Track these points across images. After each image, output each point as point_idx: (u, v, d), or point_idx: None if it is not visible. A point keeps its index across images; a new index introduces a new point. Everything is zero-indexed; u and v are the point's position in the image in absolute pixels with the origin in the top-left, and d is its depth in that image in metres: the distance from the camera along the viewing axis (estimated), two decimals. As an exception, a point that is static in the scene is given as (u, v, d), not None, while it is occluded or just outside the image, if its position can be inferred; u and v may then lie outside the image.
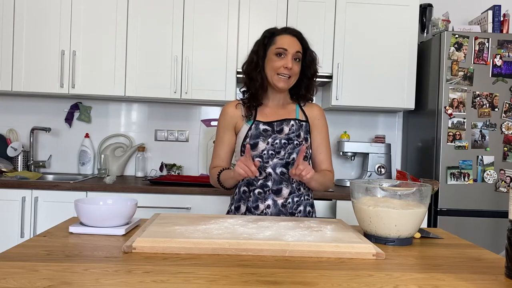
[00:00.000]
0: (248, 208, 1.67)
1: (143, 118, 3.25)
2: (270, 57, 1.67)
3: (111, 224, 1.33)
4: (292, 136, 1.68)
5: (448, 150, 2.68)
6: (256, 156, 1.65)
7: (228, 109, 1.74)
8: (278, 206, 1.66)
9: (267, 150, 1.66)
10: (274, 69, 1.65)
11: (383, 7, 2.93)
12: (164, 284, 0.91)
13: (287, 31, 1.71)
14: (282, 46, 1.66)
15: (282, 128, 1.68)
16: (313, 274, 1.01)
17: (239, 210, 1.70)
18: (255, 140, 1.66)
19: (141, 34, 2.87)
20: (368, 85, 2.94)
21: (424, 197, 1.34)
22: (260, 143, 1.65)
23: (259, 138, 1.66)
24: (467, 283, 0.98)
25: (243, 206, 1.69)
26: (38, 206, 2.59)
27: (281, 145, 1.66)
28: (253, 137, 1.66)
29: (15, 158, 3.05)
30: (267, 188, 1.67)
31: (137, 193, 2.59)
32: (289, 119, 1.71)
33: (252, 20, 2.89)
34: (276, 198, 1.67)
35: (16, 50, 2.83)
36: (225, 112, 1.74)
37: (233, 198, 1.76)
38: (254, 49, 1.74)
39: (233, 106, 1.74)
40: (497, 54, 2.69)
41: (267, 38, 1.70)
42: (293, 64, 1.65)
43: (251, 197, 1.68)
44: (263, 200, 1.66)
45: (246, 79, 1.72)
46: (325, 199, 2.64)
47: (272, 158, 1.66)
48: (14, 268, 0.98)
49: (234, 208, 1.72)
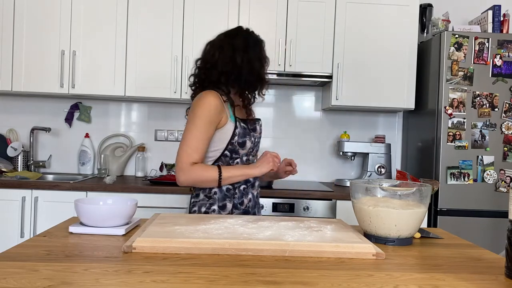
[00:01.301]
0: (234, 205, 1.69)
1: (143, 118, 3.25)
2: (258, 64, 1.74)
3: (111, 224, 1.33)
4: (260, 136, 1.81)
5: (448, 150, 2.68)
6: (244, 155, 1.71)
7: (216, 100, 1.62)
8: (254, 198, 1.77)
9: (250, 148, 1.73)
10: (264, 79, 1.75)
11: (383, 7, 2.93)
12: (164, 284, 0.91)
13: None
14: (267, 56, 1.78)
15: (255, 127, 1.76)
16: (313, 274, 1.01)
17: (225, 208, 1.68)
18: (243, 138, 1.68)
19: (141, 34, 2.87)
20: (368, 85, 2.94)
21: (424, 197, 1.34)
22: (247, 141, 1.70)
23: (247, 137, 1.69)
24: (467, 283, 0.98)
25: (229, 204, 1.69)
26: (38, 206, 2.59)
27: (256, 143, 1.78)
28: (241, 136, 1.68)
29: (15, 158, 3.05)
30: (249, 183, 1.74)
31: (137, 193, 2.59)
32: (258, 119, 1.81)
33: (252, 20, 2.89)
34: (252, 191, 1.76)
35: (16, 50, 2.83)
36: (214, 104, 1.62)
37: (210, 198, 1.69)
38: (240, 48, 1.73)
39: (219, 99, 1.64)
40: (497, 54, 2.69)
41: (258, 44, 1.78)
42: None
43: (236, 194, 1.70)
44: (246, 195, 1.73)
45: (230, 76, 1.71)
46: (325, 199, 2.64)
47: (250, 154, 1.77)
48: (14, 268, 0.98)
49: (218, 207, 1.67)
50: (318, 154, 3.31)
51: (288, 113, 3.30)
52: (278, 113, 3.30)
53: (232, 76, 1.68)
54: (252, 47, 1.73)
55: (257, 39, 1.78)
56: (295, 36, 2.90)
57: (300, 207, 2.63)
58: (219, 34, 1.79)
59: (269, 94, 3.30)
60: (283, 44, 2.90)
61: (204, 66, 1.73)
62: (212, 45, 1.75)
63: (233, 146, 1.67)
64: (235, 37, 1.73)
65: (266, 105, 3.30)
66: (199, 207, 1.70)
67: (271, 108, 3.30)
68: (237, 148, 1.68)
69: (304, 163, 3.29)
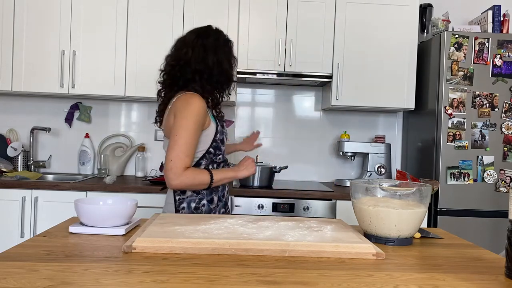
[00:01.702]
0: (218, 198, 1.81)
1: (143, 118, 3.25)
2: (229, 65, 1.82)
3: (111, 224, 1.33)
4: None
5: (448, 150, 2.68)
6: (224, 150, 1.84)
7: (203, 105, 1.69)
8: (227, 189, 1.89)
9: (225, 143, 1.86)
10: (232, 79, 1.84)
11: (383, 7, 2.93)
12: (164, 284, 0.91)
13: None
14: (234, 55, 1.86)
15: (223, 124, 1.87)
16: (313, 274, 1.01)
17: (213, 201, 1.79)
18: (222, 135, 1.81)
19: (141, 34, 2.87)
20: (368, 85, 2.94)
21: (424, 197, 1.34)
22: (224, 138, 1.84)
23: (224, 134, 1.83)
24: (467, 283, 0.98)
25: (215, 197, 1.80)
26: (38, 206, 2.59)
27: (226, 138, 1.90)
28: (220, 133, 1.79)
29: (15, 158, 3.05)
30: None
31: (137, 193, 2.59)
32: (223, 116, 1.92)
33: (252, 20, 2.89)
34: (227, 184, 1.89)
35: (16, 50, 2.83)
36: (203, 108, 1.68)
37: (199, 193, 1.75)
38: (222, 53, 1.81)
39: (204, 102, 1.71)
40: (497, 54, 2.69)
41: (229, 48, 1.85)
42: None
43: (219, 187, 1.81)
44: (224, 188, 1.85)
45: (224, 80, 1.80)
46: (325, 199, 2.64)
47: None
48: (14, 268, 0.98)
49: (207, 201, 1.75)
50: (318, 154, 3.31)
51: (288, 113, 3.31)
52: (278, 113, 3.30)
53: (204, 75, 1.73)
54: (222, 47, 1.78)
55: (227, 39, 1.84)
56: (295, 36, 2.90)
57: (300, 207, 2.63)
58: (189, 31, 1.83)
59: (269, 94, 3.30)
60: (283, 44, 2.90)
61: (177, 63, 1.75)
62: (183, 43, 1.79)
63: (216, 143, 1.77)
64: (206, 37, 1.78)
65: (266, 105, 3.30)
66: (187, 203, 1.74)
67: (271, 108, 3.30)
68: (219, 145, 1.79)
69: (304, 163, 3.29)
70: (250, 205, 2.61)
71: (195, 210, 1.74)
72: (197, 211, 1.74)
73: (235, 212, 2.61)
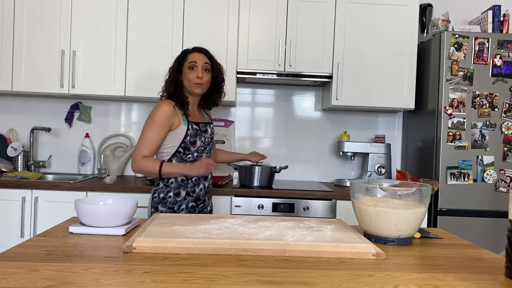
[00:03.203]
0: (187, 192, 2.07)
1: (143, 118, 3.25)
2: (185, 71, 2.08)
3: (111, 224, 1.33)
4: (212, 137, 2.19)
5: (448, 150, 2.68)
6: (194, 151, 2.07)
7: (169, 109, 2.01)
8: (205, 188, 2.15)
9: (200, 146, 2.09)
10: (190, 80, 2.07)
11: (383, 7, 2.93)
12: (164, 284, 0.91)
13: (195, 49, 2.14)
14: (193, 60, 2.08)
15: (206, 129, 2.14)
16: (313, 274, 1.01)
17: (180, 195, 2.06)
18: (194, 138, 2.06)
19: (141, 34, 2.87)
20: (368, 85, 2.94)
21: (424, 197, 1.34)
22: (197, 141, 2.07)
23: (197, 137, 2.06)
24: (467, 283, 0.99)
25: (183, 192, 2.06)
26: (38, 206, 2.59)
27: (207, 142, 2.15)
28: (192, 136, 2.05)
29: (15, 158, 3.05)
30: (200, 176, 2.09)
31: (137, 193, 2.59)
32: (209, 123, 2.19)
33: (252, 20, 2.89)
34: (204, 182, 2.14)
35: (16, 50, 2.83)
36: (167, 111, 2.00)
37: (167, 187, 2.05)
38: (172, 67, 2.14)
39: (172, 107, 2.03)
40: (497, 54, 2.69)
41: (181, 57, 2.12)
42: (203, 74, 2.07)
43: (189, 184, 2.07)
44: (198, 185, 2.10)
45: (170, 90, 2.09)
46: (325, 199, 2.64)
47: (203, 152, 2.13)
48: (14, 268, 0.98)
49: (173, 194, 2.05)
50: (318, 154, 3.31)
51: (288, 113, 3.31)
52: (278, 113, 3.30)
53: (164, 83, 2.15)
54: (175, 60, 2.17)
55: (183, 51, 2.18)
56: (295, 36, 2.90)
57: (300, 207, 2.63)
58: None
59: (269, 94, 3.30)
60: (283, 44, 2.90)
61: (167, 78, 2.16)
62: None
63: (185, 144, 2.04)
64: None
65: (266, 105, 3.30)
66: (158, 193, 2.07)
67: (271, 108, 3.30)
68: (188, 146, 2.05)
69: (304, 163, 3.29)
70: (250, 205, 2.61)
71: (163, 200, 2.05)
72: (164, 201, 2.05)
73: (235, 212, 2.61)
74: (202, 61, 2.09)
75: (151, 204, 2.10)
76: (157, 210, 2.06)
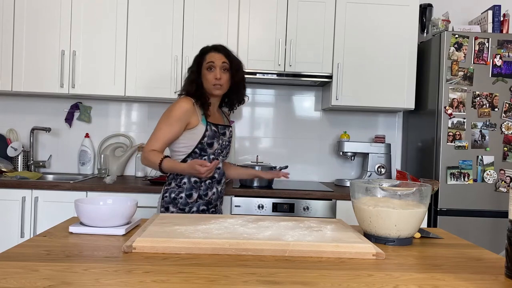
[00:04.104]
0: (199, 195, 2.00)
1: (143, 118, 3.26)
2: (204, 72, 2.01)
3: (111, 224, 1.33)
4: (230, 140, 2.12)
5: (448, 150, 2.68)
6: (211, 154, 2.00)
7: (187, 105, 1.95)
8: (218, 193, 2.07)
9: (217, 149, 2.02)
10: (208, 81, 1.99)
11: (383, 7, 2.93)
12: (164, 284, 0.91)
13: (213, 48, 2.05)
14: (210, 60, 2.00)
15: (225, 132, 2.07)
16: (313, 274, 1.01)
17: (191, 197, 1.99)
18: (211, 140, 1.99)
19: (141, 34, 2.87)
20: (368, 85, 2.94)
21: (424, 197, 1.34)
22: (215, 143, 2.00)
23: (214, 139, 2.00)
24: (467, 283, 0.99)
25: (195, 194, 2.00)
26: (38, 206, 2.59)
27: (225, 146, 2.08)
28: (210, 137, 1.98)
29: (15, 158, 3.05)
30: (214, 179, 2.04)
31: (137, 193, 2.59)
32: (228, 125, 2.12)
33: (252, 21, 2.89)
34: (217, 186, 2.07)
35: (16, 50, 2.83)
36: (184, 107, 1.95)
37: (180, 187, 1.99)
38: (191, 67, 2.07)
39: (191, 103, 1.97)
40: (497, 54, 2.69)
41: (199, 57, 2.05)
42: (221, 74, 1.99)
43: (202, 187, 2.01)
44: (211, 188, 2.03)
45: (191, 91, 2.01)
46: (325, 199, 2.64)
47: (219, 155, 2.05)
48: (14, 268, 0.98)
49: (185, 195, 1.98)
50: (318, 154, 3.31)
51: (288, 113, 3.31)
52: (278, 113, 3.30)
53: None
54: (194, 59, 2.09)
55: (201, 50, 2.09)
56: (295, 36, 2.90)
57: (300, 207, 2.63)
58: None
59: (269, 94, 3.30)
60: (283, 44, 2.90)
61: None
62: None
63: (202, 145, 1.97)
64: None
65: (266, 105, 3.30)
66: (169, 193, 2.00)
67: (271, 108, 3.30)
68: (205, 147, 1.98)
69: (304, 163, 3.29)
70: (250, 205, 2.61)
71: (174, 200, 1.99)
72: (175, 201, 1.99)
73: (235, 212, 2.61)
74: (220, 61, 2.00)
75: (161, 203, 2.03)
76: (167, 210, 1.99)
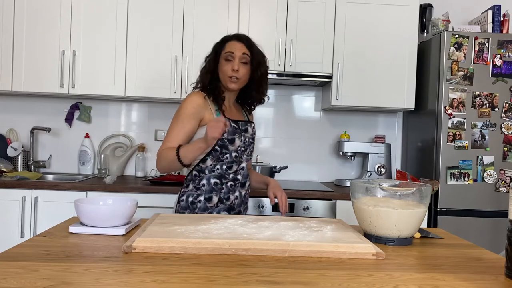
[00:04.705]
0: (220, 199, 1.80)
1: (143, 118, 3.25)
2: (221, 62, 1.82)
3: (111, 224, 1.33)
4: (253, 137, 1.93)
5: (448, 150, 2.68)
6: (233, 151, 1.81)
7: (198, 100, 1.78)
8: (241, 197, 1.87)
9: (240, 146, 1.83)
10: (224, 72, 1.80)
11: (383, 7, 2.93)
12: (164, 284, 0.91)
13: (235, 37, 1.86)
14: (229, 49, 1.81)
15: (247, 128, 1.88)
16: (313, 274, 1.01)
17: (211, 200, 1.80)
18: (232, 136, 1.80)
19: (141, 34, 2.87)
20: (368, 85, 2.94)
21: (424, 197, 1.34)
22: (236, 139, 1.81)
23: (235, 135, 1.80)
24: (467, 283, 0.98)
25: (215, 197, 1.80)
26: (38, 206, 2.59)
27: (248, 143, 1.88)
28: (230, 133, 1.79)
29: (15, 158, 3.05)
30: (237, 181, 1.85)
31: (137, 193, 2.59)
32: (250, 121, 1.92)
33: (252, 20, 2.89)
34: (241, 190, 1.87)
35: (16, 50, 2.83)
36: (195, 102, 1.77)
37: (198, 189, 1.80)
38: (208, 56, 1.88)
39: (202, 98, 1.80)
40: (497, 54, 2.69)
41: (218, 45, 1.86)
42: (239, 66, 1.79)
43: (223, 189, 1.81)
44: (233, 192, 1.83)
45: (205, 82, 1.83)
46: (325, 199, 2.64)
47: (243, 154, 1.86)
48: (14, 268, 0.98)
49: (204, 199, 1.79)
50: (318, 154, 3.31)
51: (288, 113, 3.30)
52: (278, 113, 3.30)
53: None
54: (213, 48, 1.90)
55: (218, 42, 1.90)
56: (295, 36, 2.90)
57: (300, 207, 2.63)
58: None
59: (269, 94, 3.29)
60: (283, 44, 2.90)
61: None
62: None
63: (223, 141, 1.77)
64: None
65: (266, 105, 3.28)
66: (187, 196, 1.81)
67: (271, 108, 3.30)
68: (226, 143, 1.78)
69: (304, 163, 3.29)
70: (250, 205, 2.61)
71: (192, 204, 1.80)
72: (193, 206, 1.79)
73: (235, 212, 2.60)
74: (240, 52, 1.80)
75: (176, 208, 1.85)
76: None
